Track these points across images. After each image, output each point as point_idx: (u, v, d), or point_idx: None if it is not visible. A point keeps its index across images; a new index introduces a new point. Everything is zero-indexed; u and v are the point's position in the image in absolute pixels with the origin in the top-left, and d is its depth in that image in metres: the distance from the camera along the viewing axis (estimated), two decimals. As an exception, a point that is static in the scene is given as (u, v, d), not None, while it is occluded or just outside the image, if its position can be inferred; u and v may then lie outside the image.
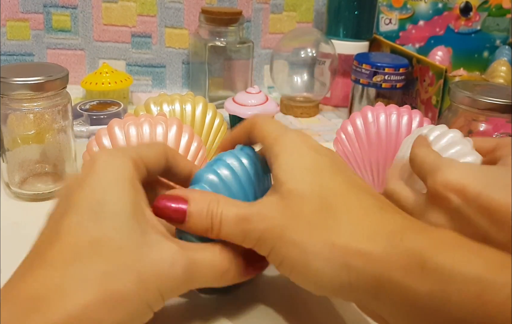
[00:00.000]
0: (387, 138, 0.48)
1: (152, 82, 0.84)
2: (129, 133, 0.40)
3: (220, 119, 0.52)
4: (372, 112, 0.49)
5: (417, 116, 0.48)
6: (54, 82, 0.43)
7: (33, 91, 0.42)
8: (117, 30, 0.81)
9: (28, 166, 0.47)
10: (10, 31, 0.77)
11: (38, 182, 0.47)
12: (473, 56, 0.90)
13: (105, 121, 0.62)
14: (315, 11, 0.87)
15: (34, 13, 0.78)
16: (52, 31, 0.79)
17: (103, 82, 0.71)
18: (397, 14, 0.86)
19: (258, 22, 0.86)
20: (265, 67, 0.88)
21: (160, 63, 0.83)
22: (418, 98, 0.72)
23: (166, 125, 0.41)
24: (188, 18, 0.82)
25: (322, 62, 0.76)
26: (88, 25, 0.80)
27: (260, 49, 0.87)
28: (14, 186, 0.46)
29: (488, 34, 0.89)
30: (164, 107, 0.50)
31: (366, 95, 0.71)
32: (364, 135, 0.49)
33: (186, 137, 0.41)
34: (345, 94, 0.81)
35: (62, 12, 0.78)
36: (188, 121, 0.50)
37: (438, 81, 0.66)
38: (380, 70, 0.68)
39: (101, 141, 0.40)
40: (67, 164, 0.48)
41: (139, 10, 0.80)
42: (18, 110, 0.44)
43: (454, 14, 0.87)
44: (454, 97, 0.51)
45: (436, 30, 0.87)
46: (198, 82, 0.79)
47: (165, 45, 0.83)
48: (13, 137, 0.45)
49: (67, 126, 0.47)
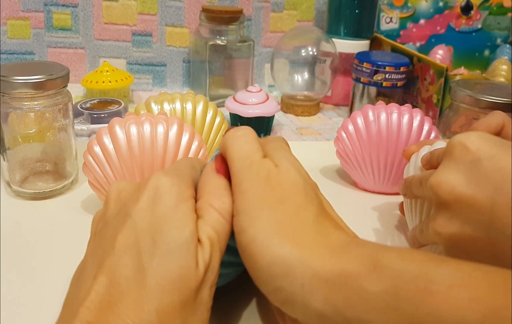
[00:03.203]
0: (388, 137, 0.48)
1: (152, 81, 0.84)
2: (130, 132, 0.40)
3: (221, 118, 0.52)
4: (373, 111, 0.49)
5: (418, 115, 0.48)
6: (54, 80, 0.43)
7: (34, 89, 0.42)
8: (117, 28, 0.80)
9: (29, 165, 0.47)
10: (11, 30, 0.77)
11: (39, 181, 0.47)
12: (474, 55, 0.90)
13: (106, 120, 0.62)
14: (316, 9, 0.87)
15: (34, 12, 0.78)
16: (53, 30, 0.79)
17: (103, 81, 0.71)
18: (398, 13, 0.85)
19: (259, 20, 0.86)
20: (266, 66, 0.88)
21: (161, 62, 0.83)
22: (419, 97, 0.71)
23: (167, 124, 0.41)
24: (188, 17, 0.82)
25: (322, 61, 0.75)
26: (89, 23, 0.80)
27: (260, 47, 0.87)
28: (15, 184, 0.46)
29: (489, 32, 0.89)
30: (165, 106, 0.50)
31: (367, 94, 0.71)
32: (365, 134, 0.49)
33: (187, 136, 0.41)
34: (346, 93, 0.81)
35: (63, 10, 0.78)
36: (189, 120, 0.50)
37: (439, 80, 0.66)
38: (381, 69, 0.68)
39: (102, 140, 0.40)
40: (68, 163, 0.48)
41: (140, 9, 0.80)
42: (19, 108, 0.44)
43: (455, 13, 0.87)
44: (455, 96, 0.51)
45: (437, 28, 0.87)
46: (198, 80, 0.79)
47: (165, 44, 0.83)
48: (14, 136, 0.45)
49: (67, 125, 0.47)
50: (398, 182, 0.50)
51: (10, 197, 0.46)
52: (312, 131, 0.70)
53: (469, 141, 0.30)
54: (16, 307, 0.32)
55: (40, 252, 0.38)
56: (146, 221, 0.24)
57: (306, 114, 0.76)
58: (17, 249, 0.38)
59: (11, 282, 0.34)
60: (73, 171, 0.48)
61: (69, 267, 0.27)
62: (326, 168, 0.56)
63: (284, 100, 0.77)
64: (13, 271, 0.35)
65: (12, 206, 0.45)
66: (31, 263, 0.37)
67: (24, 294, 0.33)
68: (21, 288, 0.34)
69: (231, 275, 0.33)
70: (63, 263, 0.36)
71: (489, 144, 0.30)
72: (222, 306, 0.32)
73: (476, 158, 0.29)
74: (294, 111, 0.76)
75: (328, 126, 0.73)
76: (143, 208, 0.24)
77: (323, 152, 0.59)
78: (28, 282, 0.34)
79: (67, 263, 0.30)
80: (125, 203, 0.26)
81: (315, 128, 0.71)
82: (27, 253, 0.38)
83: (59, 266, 0.36)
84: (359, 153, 0.49)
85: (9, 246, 0.38)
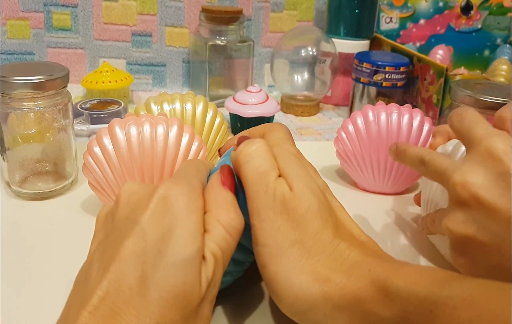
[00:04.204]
0: (388, 137, 0.48)
1: (152, 81, 0.84)
2: (130, 133, 0.40)
3: (221, 118, 0.52)
4: (373, 111, 0.49)
5: (418, 115, 0.48)
6: (54, 81, 0.43)
7: (33, 90, 0.42)
8: (117, 29, 0.80)
9: (28, 165, 0.47)
10: (11, 30, 0.77)
11: (38, 181, 0.47)
12: (474, 55, 0.90)
13: (106, 120, 0.62)
14: (316, 9, 0.87)
15: (34, 12, 0.77)
16: (53, 30, 0.79)
17: (103, 81, 0.71)
18: (398, 13, 0.85)
19: (259, 20, 0.86)
20: (266, 66, 0.88)
21: (161, 62, 0.83)
22: (419, 97, 0.71)
23: (167, 125, 0.41)
24: (188, 17, 0.82)
25: (322, 61, 0.75)
26: (89, 24, 0.80)
27: (260, 48, 0.87)
28: (14, 184, 0.46)
29: (489, 32, 0.89)
30: (165, 106, 0.50)
31: (367, 94, 0.71)
32: (365, 134, 0.49)
33: (187, 137, 0.41)
34: (346, 93, 0.80)
35: (63, 11, 0.78)
36: (189, 120, 0.50)
37: (439, 80, 0.66)
38: (381, 69, 0.68)
39: (101, 141, 0.40)
40: (67, 163, 0.48)
41: (140, 9, 0.80)
42: (19, 109, 0.44)
43: (455, 13, 0.87)
44: (455, 96, 0.51)
45: (437, 28, 0.87)
46: (198, 81, 0.79)
47: (165, 44, 0.83)
48: (14, 136, 0.45)
49: (67, 125, 0.47)
50: (398, 182, 0.50)
51: (10, 197, 0.46)
52: (312, 131, 0.70)
53: (501, 151, 0.29)
54: (16, 307, 0.32)
55: (39, 252, 0.38)
56: (154, 231, 0.24)
57: (306, 114, 0.76)
58: (17, 249, 0.38)
59: (11, 282, 0.34)
60: (73, 171, 0.48)
61: (68, 268, 0.27)
62: (326, 168, 0.56)
63: (284, 100, 0.77)
64: (13, 271, 0.35)
65: (12, 206, 0.45)
66: (30, 263, 0.37)
67: (23, 294, 0.33)
68: (21, 288, 0.34)
69: (238, 273, 0.33)
70: (63, 263, 0.36)
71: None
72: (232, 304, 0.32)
73: (505, 170, 0.29)
74: (294, 111, 0.76)
75: (328, 127, 0.73)
76: (151, 217, 0.24)
77: (323, 153, 0.59)
78: (28, 282, 0.34)
79: (66, 264, 0.30)
80: (134, 209, 0.25)
81: (315, 129, 0.71)
82: (27, 253, 0.38)
83: (58, 266, 0.36)
84: (359, 154, 0.49)
85: (9, 246, 0.38)
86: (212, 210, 0.27)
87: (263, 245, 0.27)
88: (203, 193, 0.28)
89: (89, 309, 0.22)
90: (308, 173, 0.29)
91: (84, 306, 0.22)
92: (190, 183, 0.27)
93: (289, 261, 0.26)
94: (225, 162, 0.31)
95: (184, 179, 0.27)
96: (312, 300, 0.26)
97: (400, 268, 0.25)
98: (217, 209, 0.27)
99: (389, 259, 0.27)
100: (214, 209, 0.27)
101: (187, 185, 0.26)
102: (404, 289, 0.23)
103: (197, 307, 0.24)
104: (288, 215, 0.27)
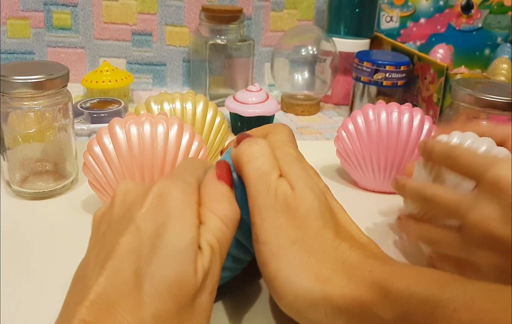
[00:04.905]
0: (388, 136, 0.48)
1: (152, 81, 0.84)
2: (130, 132, 0.40)
3: (221, 117, 0.52)
4: (373, 110, 0.49)
5: (418, 114, 0.48)
6: (54, 80, 0.43)
7: (33, 89, 0.42)
8: (117, 28, 0.80)
9: (28, 164, 0.47)
10: (11, 29, 0.77)
11: (39, 180, 0.47)
12: (475, 54, 0.90)
13: (106, 120, 0.62)
14: (316, 8, 0.87)
15: (34, 11, 0.77)
16: (53, 29, 0.79)
17: (103, 81, 0.71)
18: (398, 12, 0.85)
19: (259, 20, 0.86)
20: (266, 65, 0.88)
21: (161, 61, 0.83)
22: (419, 96, 0.71)
23: (167, 125, 0.41)
24: (188, 16, 0.82)
25: (323, 60, 0.75)
26: (89, 23, 0.80)
27: (260, 47, 0.87)
28: (15, 184, 0.46)
29: (489, 31, 0.89)
30: (165, 105, 0.50)
31: (367, 93, 0.71)
32: (365, 133, 0.49)
33: (187, 136, 0.41)
34: (346, 92, 0.80)
35: (63, 10, 0.78)
36: (189, 119, 0.50)
37: (439, 79, 0.66)
38: (381, 68, 0.68)
39: (102, 140, 0.40)
40: (68, 162, 0.48)
41: (140, 8, 0.80)
42: (19, 108, 0.44)
43: (455, 12, 0.87)
44: (456, 95, 0.51)
45: (437, 27, 0.87)
46: (198, 80, 0.79)
47: (165, 43, 0.83)
48: (14, 136, 0.45)
49: (67, 125, 0.46)
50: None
51: (10, 196, 0.46)
52: (312, 130, 0.70)
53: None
54: (16, 307, 0.32)
55: (40, 252, 0.38)
56: (149, 227, 0.24)
57: (306, 113, 0.76)
58: (17, 249, 0.38)
59: (11, 282, 0.34)
60: (73, 170, 0.48)
61: (69, 267, 0.27)
62: (326, 167, 0.56)
63: (284, 99, 0.77)
64: (13, 270, 0.35)
65: (12, 205, 0.45)
66: (31, 262, 0.37)
67: (24, 293, 0.33)
68: (21, 287, 0.34)
69: (238, 269, 0.33)
70: (63, 262, 0.36)
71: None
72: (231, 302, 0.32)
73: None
74: (294, 110, 0.76)
75: (328, 126, 0.73)
76: (146, 214, 0.24)
77: (323, 152, 0.59)
78: (28, 281, 0.34)
79: (67, 263, 0.30)
80: (129, 207, 0.26)
81: (315, 128, 0.71)
82: (27, 252, 0.38)
83: (59, 265, 0.36)
84: (359, 153, 0.49)
85: (9, 246, 0.38)
86: (207, 203, 0.27)
87: (264, 242, 0.27)
88: (200, 189, 0.28)
89: (86, 304, 0.22)
90: (310, 175, 0.30)
91: (81, 302, 0.22)
92: (185, 179, 0.27)
93: (289, 259, 0.27)
94: (224, 159, 0.31)
95: (179, 176, 0.27)
96: (312, 299, 0.26)
97: (400, 270, 0.25)
98: (212, 201, 0.27)
99: (389, 261, 0.27)
100: (209, 201, 0.27)
101: (182, 182, 0.26)
102: (405, 290, 0.23)
103: (193, 297, 0.24)
104: (289, 214, 0.27)
